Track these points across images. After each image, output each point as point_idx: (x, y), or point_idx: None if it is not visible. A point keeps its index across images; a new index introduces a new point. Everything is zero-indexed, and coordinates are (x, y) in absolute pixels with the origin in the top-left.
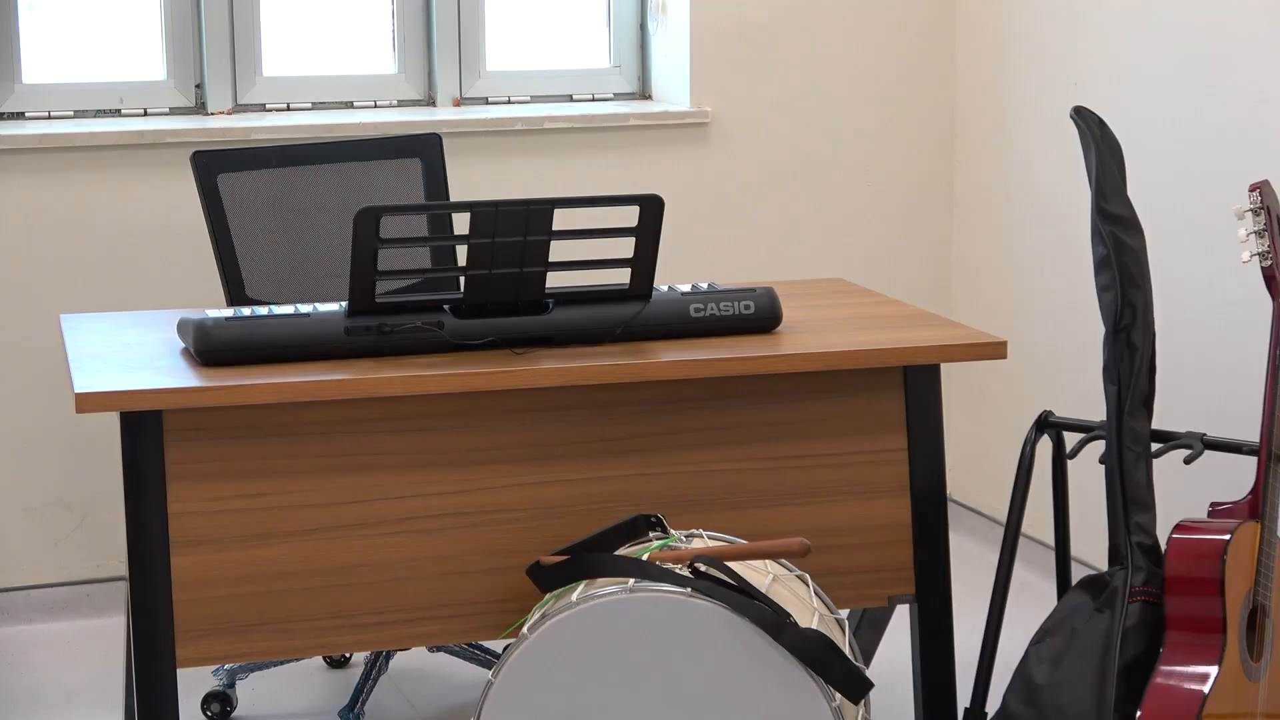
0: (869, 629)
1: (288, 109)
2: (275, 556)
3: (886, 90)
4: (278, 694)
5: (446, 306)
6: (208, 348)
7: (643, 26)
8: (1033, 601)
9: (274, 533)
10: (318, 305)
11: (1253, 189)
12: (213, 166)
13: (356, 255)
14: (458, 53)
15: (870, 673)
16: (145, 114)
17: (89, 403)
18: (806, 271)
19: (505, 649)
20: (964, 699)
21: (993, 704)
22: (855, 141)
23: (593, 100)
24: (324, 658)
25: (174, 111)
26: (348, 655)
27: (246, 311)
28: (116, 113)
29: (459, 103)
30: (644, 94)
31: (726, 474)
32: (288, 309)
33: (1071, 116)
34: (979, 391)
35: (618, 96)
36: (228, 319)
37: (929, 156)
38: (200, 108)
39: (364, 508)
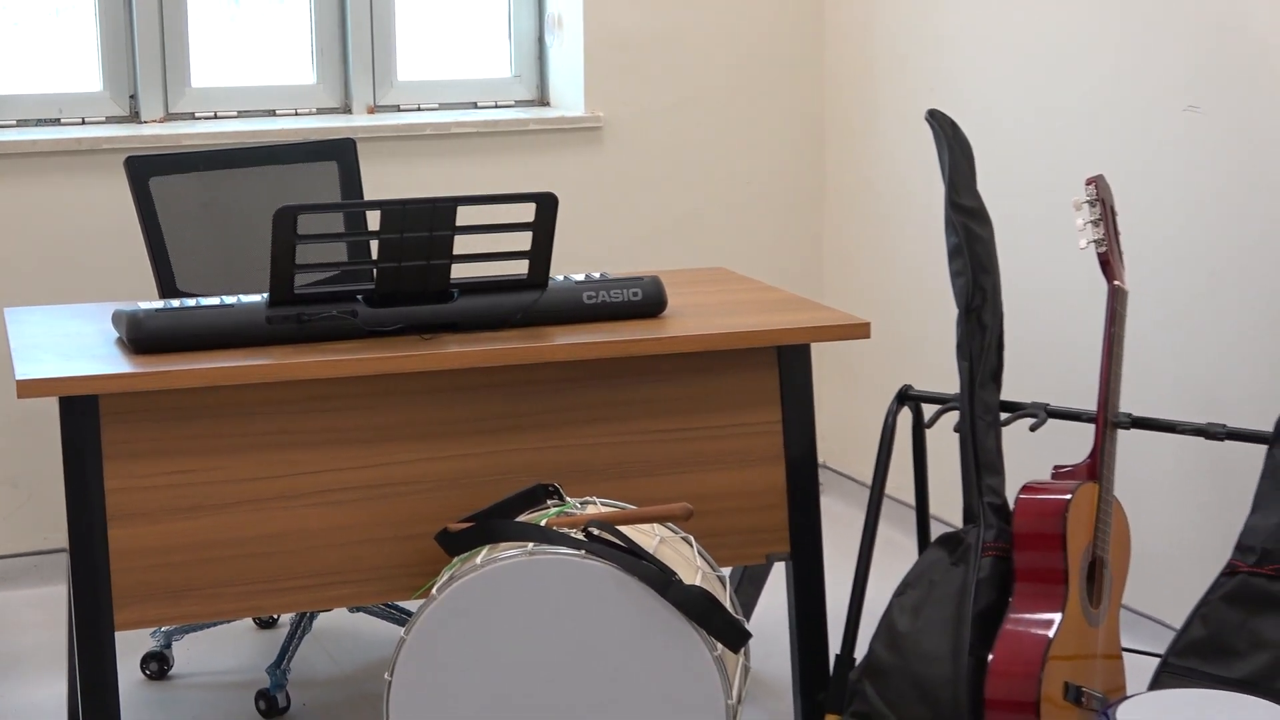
0: (749, 585)
1: (215, 117)
2: (204, 527)
3: (762, 95)
4: (211, 653)
5: (360, 297)
6: (139, 336)
7: (541, 39)
8: (896, 557)
9: (203, 506)
10: (241, 297)
11: (1089, 183)
12: (145, 170)
13: (276, 250)
14: (371, 64)
15: (751, 624)
16: (83, 123)
17: (29, 389)
18: (690, 262)
19: (417, 609)
20: (835, 646)
21: (860, 650)
22: (735, 142)
23: (495, 107)
24: (253, 619)
25: (110, 120)
26: (275, 616)
27: (175, 303)
28: (56, 122)
29: (373, 110)
30: (542, 101)
31: (617, 446)
32: (214, 300)
33: (926, 119)
34: (848, 368)
35: (518, 104)
36: (158, 310)
37: (801, 156)
38: (134, 116)
39: (286, 482)
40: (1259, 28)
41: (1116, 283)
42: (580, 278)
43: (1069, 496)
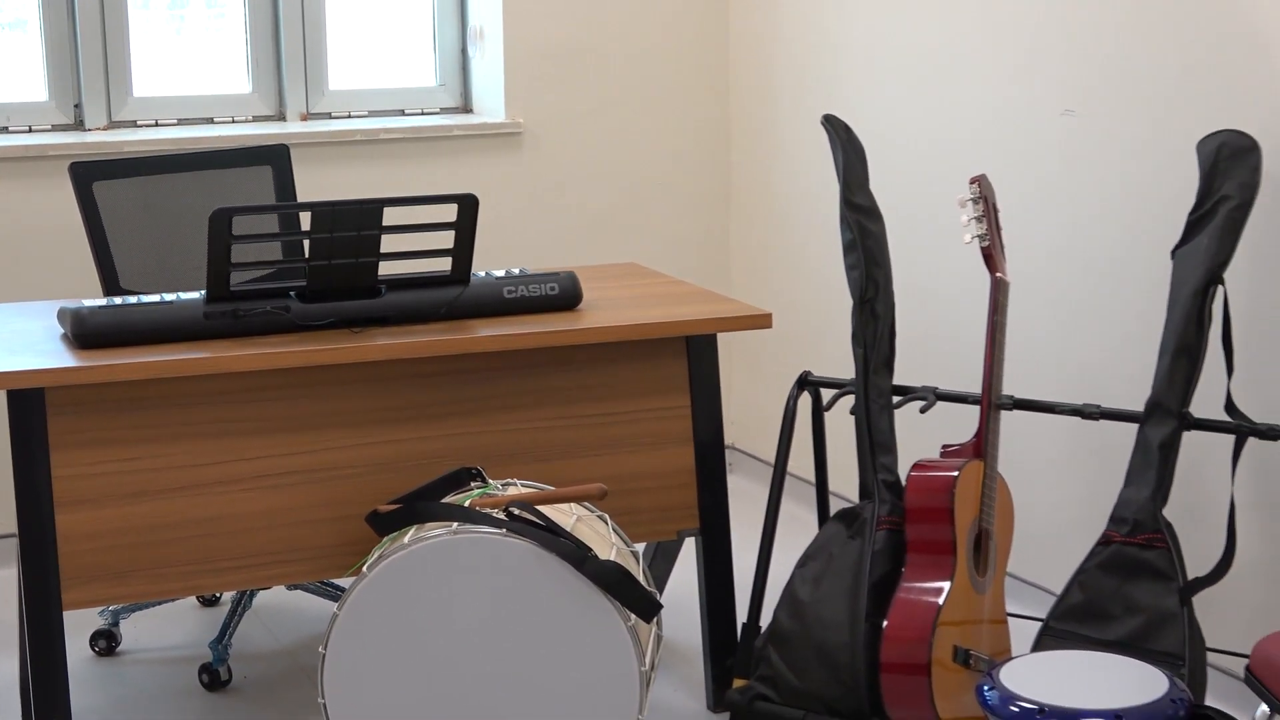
0: (662, 559)
1: (156, 124)
2: (147, 511)
3: (672, 102)
4: (157, 630)
5: (293, 293)
6: (83, 332)
7: (464, 50)
8: (798, 531)
9: (145, 491)
10: (180, 294)
11: (972, 182)
12: (89, 175)
13: (212, 250)
14: (304, 74)
15: (663, 596)
16: (30, 130)
17: None
18: (604, 258)
19: (349, 585)
20: (742, 615)
21: (765, 619)
22: (646, 146)
23: (421, 114)
24: (196, 597)
25: (55, 128)
26: (217, 595)
27: (118, 300)
28: (4, 130)
29: (305, 117)
30: (466, 108)
31: (537, 431)
32: (154, 298)
33: (822, 123)
34: (754, 356)
35: (443, 110)
36: (101, 307)
37: (708, 159)
38: (79, 124)
39: (224, 468)
40: (1130, 36)
41: (998, 274)
42: (501, 273)
43: (956, 473)
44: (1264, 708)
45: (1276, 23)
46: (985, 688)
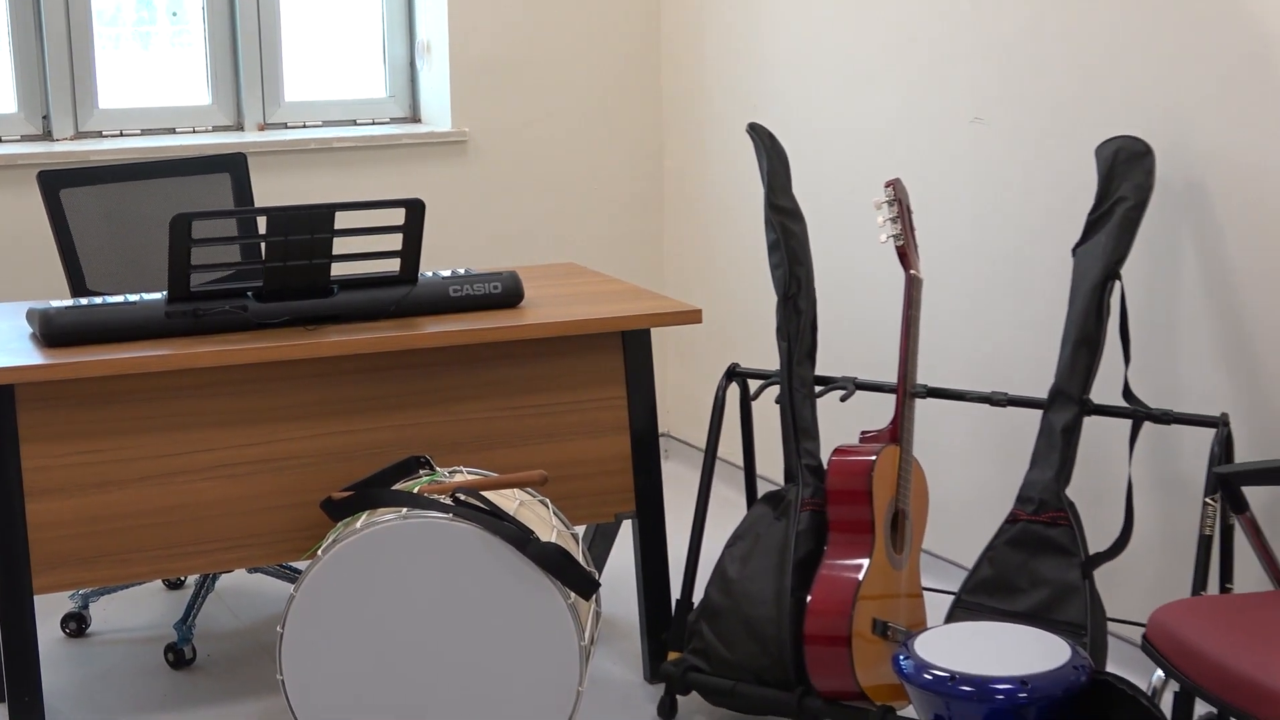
0: (601, 541)
1: (120, 135)
2: (114, 500)
3: (608, 112)
4: (125, 612)
5: (250, 293)
6: (51, 331)
7: (412, 64)
8: (728, 513)
9: (112, 481)
10: (144, 295)
11: (887, 185)
12: (56, 183)
13: (173, 253)
14: (261, 86)
15: (602, 575)
16: (0, 141)
17: None
18: (545, 258)
19: (305, 568)
20: (676, 592)
21: (698, 595)
22: (584, 153)
23: (372, 124)
24: (162, 581)
25: (24, 138)
26: (181, 578)
27: (84, 301)
28: None
29: (263, 127)
30: (414, 118)
31: (481, 421)
32: (118, 298)
33: (748, 131)
34: (688, 349)
35: (393, 120)
36: (68, 307)
37: (643, 164)
38: (47, 135)
39: (186, 458)
40: (1033, 49)
41: (912, 271)
42: (447, 273)
43: (874, 457)
44: (1159, 673)
45: (1169, 35)
46: (901, 657)
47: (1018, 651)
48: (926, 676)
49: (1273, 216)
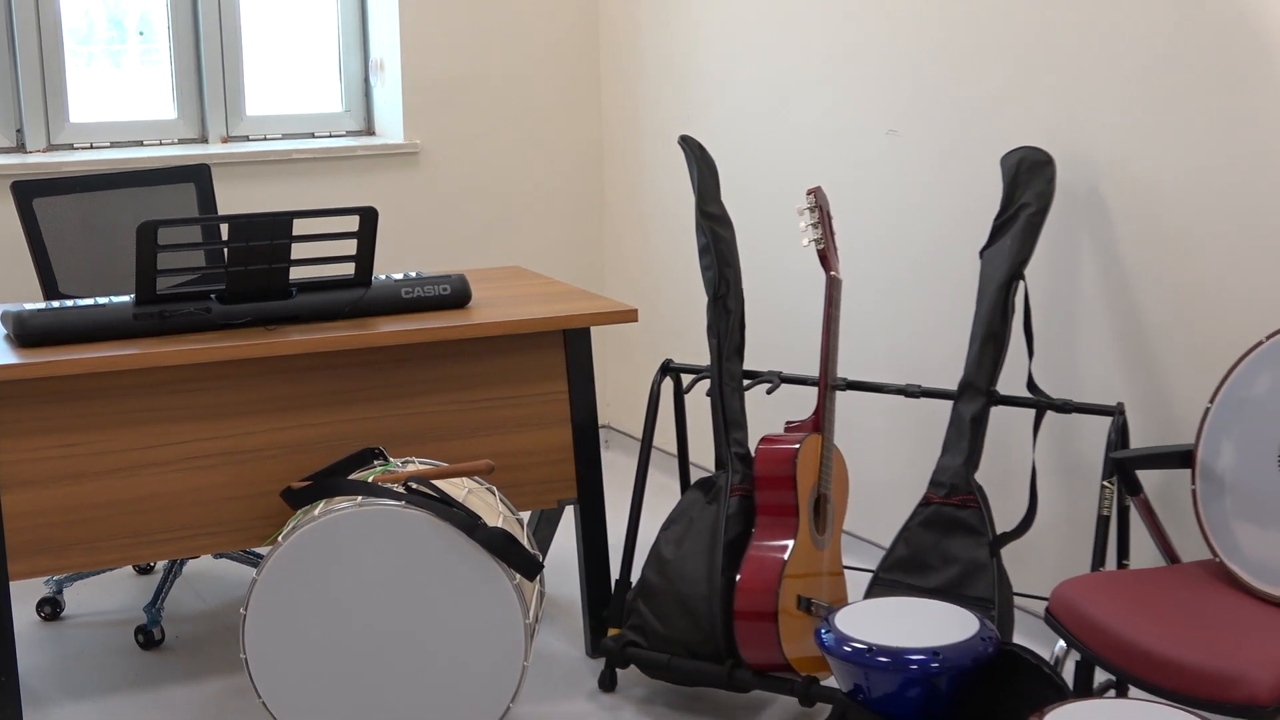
0: (545, 525)
1: (90, 147)
2: (85, 491)
3: (551, 125)
4: (97, 596)
5: (213, 296)
6: (24, 332)
7: (366, 80)
8: (663, 498)
9: (84, 473)
10: (113, 297)
11: (809, 193)
12: (29, 192)
13: (140, 258)
14: (224, 101)
15: (547, 558)
16: None
17: None
18: (491, 262)
19: (267, 553)
20: (615, 573)
21: (635, 575)
22: (528, 163)
23: (329, 136)
24: (132, 566)
25: None
26: (150, 564)
27: (56, 304)
28: None
29: (225, 140)
30: (369, 131)
31: (432, 415)
32: (88, 301)
33: (679, 143)
34: (627, 347)
35: (349, 133)
36: (40, 310)
37: (584, 174)
38: (20, 147)
39: (154, 451)
40: (944, 66)
41: (833, 273)
42: (399, 276)
43: (797, 446)
44: (1061, 643)
45: (1069, 54)
46: (823, 631)
47: (930, 625)
48: (846, 649)
49: (1164, 221)
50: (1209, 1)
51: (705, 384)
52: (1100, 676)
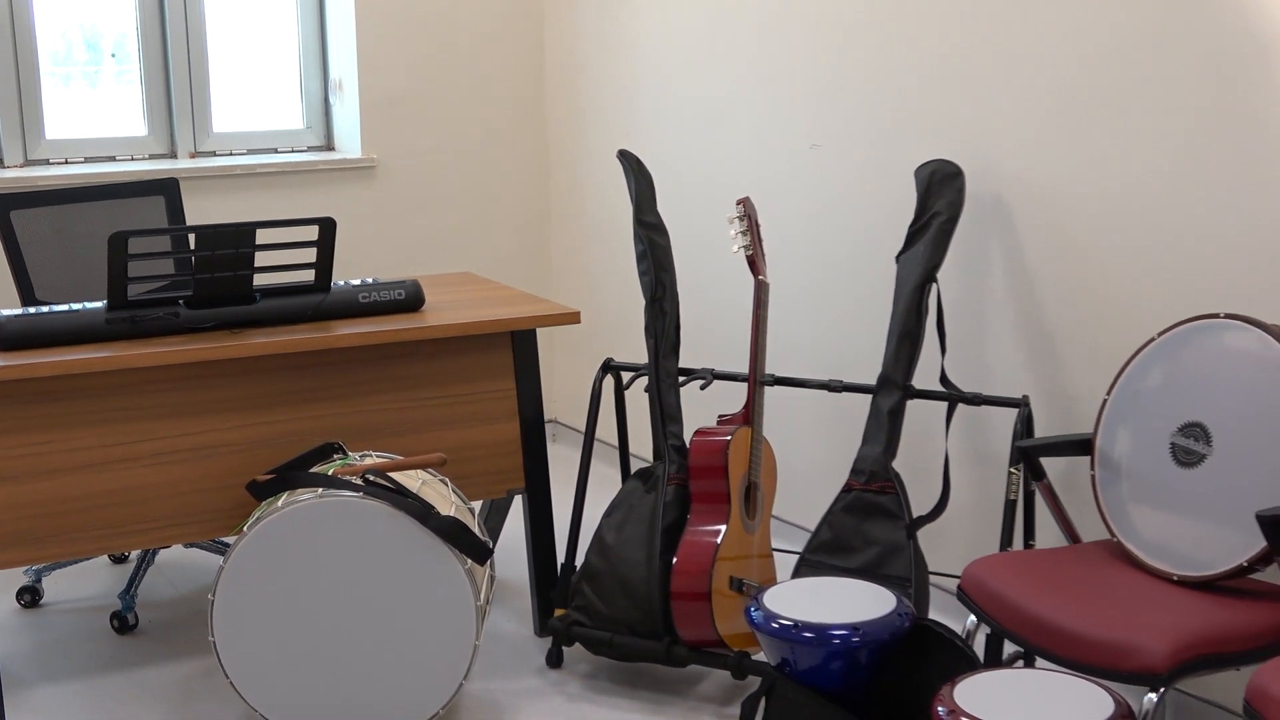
0: (495, 514)
1: (65, 162)
2: (63, 486)
3: (500, 139)
4: (74, 584)
5: (181, 301)
6: (2, 336)
7: (326, 99)
8: (605, 487)
9: (61, 469)
10: (86, 304)
11: (738, 203)
12: (7, 205)
13: (112, 266)
14: (191, 118)
15: (497, 544)
16: None
17: None
18: (444, 268)
19: (233, 542)
20: (561, 557)
21: (579, 559)
22: (478, 176)
23: (291, 152)
24: (107, 556)
25: None
26: (125, 553)
27: (32, 310)
28: None
29: (193, 155)
30: (328, 146)
31: (389, 411)
32: (63, 307)
33: (618, 157)
34: (571, 346)
35: (309, 149)
36: (17, 315)
37: (531, 185)
38: None
39: (126, 448)
40: (862, 85)
41: (760, 277)
42: (356, 282)
43: (729, 438)
44: (972, 618)
45: (977, 73)
46: (752, 609)
47: (852, 602)
48: (774, 625)
49: (1064, 228)
50: (1104, 27)
51: (644, 381)
52: (1009, 648)
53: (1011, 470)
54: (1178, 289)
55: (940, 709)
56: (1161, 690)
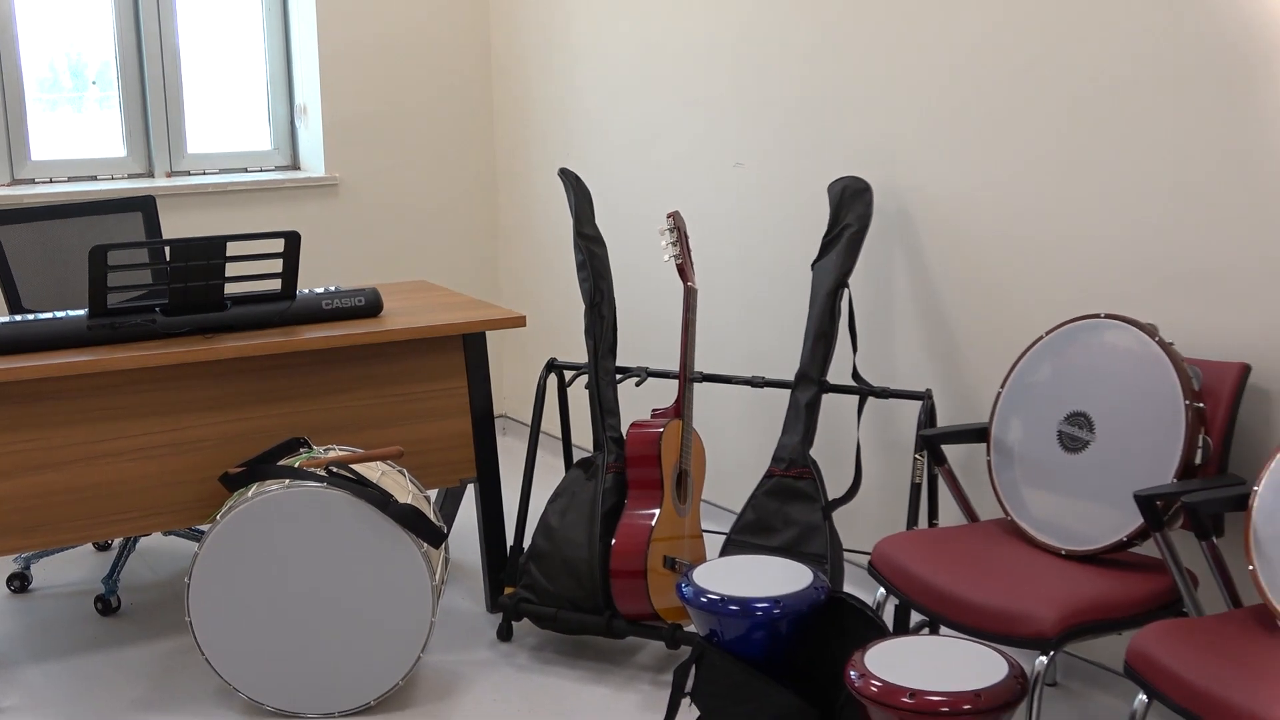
0: (450, 501)
1: (50, 181)
2: (48, 480)
3: (452, 157)
4: (61, 570)
5: (157, 309)
6: None
7: (292, 121)
8: (550, 476)
9: (47, 464)
10: (69, 312)
11: (668, 216)
12: None
13: (93, 277)
14: (167, 140)
15: (453, 529)
16: None
17: None
18: (400, 277)
19: (208, 530)
20: (510, 540)
21: (527, 542)
22: (432, 192)
23: (260, 171)
24: (92, 544)
25: None
26: (108, 541)
27: (18, 317)
28: None
29: (169, 174)
30: (295, 166)
31: (351, 409)
32: (47, 315)
33: (559, 174)
34: (519, 347)
35: (277, 168)
36: (4, 323)
37: (480, 200)
38: None
39: (108, 444)
40: (779, 108)
41: (689, 284)
42: (320, 290)
43: (662, 429)
44: (882, 590)
45: (880, 98)
46: (684, 585)
47: (773, 578)
48: (703, 599)
49: (962, 236)
50: (989, 57)
51: (584, 379)
52: (915, 618)
53: (916, 456)
54: (1064, 291)
55: (852, 673)
56: (1051, 653)
